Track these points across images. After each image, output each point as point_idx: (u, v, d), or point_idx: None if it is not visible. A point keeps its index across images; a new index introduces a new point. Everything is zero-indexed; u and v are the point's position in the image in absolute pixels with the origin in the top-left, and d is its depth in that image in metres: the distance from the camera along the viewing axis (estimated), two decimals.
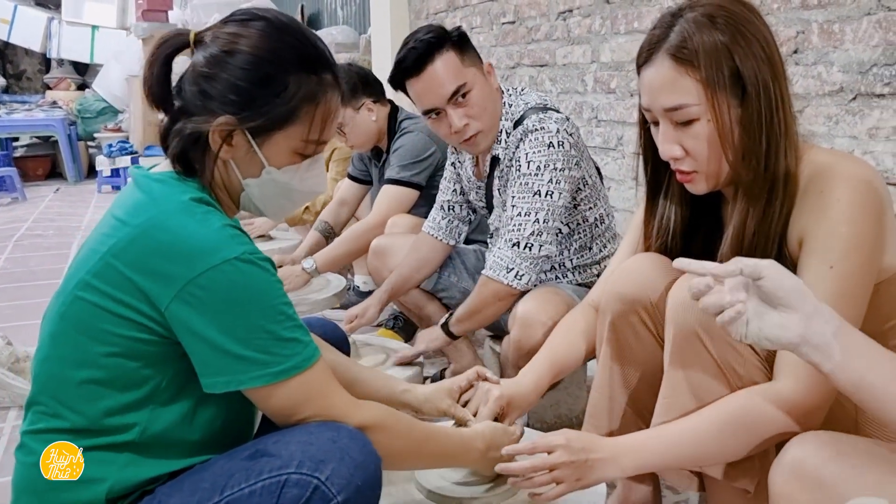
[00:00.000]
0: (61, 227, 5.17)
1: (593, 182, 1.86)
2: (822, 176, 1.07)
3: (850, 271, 1.03)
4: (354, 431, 0.99)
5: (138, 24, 7.79)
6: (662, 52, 1.10)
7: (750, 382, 1.08)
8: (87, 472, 0.98)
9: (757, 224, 1.10)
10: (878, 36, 1.64)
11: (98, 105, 7.88)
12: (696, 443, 1.06)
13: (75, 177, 7.33)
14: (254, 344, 0.95)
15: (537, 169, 1.73)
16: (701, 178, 1.14)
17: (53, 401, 1.00)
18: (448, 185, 2.13)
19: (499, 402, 1.31)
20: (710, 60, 1.06)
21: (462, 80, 1.78)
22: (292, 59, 1.05)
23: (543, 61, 3.07)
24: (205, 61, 1.03)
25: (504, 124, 1.85)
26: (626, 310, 1.26)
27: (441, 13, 4.03)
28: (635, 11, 2.48)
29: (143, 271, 0.95)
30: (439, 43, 1.77)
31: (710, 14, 1.08)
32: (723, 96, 1.07)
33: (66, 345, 0.99)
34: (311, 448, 0.95)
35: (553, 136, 1.74)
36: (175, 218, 0.98)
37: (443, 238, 2.13)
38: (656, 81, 1.11)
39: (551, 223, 1.74)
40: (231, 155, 1.06)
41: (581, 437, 1.12)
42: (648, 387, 1.26)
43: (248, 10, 1.08)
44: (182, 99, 1.06)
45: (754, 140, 1.08)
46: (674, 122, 1.11)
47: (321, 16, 6.87)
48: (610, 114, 2.67)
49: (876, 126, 1.67)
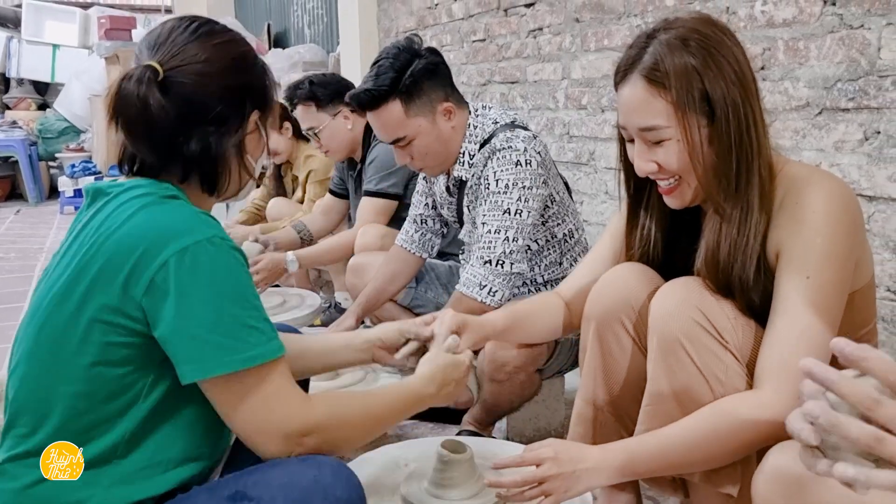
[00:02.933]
0: (23, 249, 5.07)
1: (561, 198, 1.88)
2: (798, 189, 1.10)
3: (826, 281, 1.06)
4: (337, 466, 0.98)
5: (101, 43, 7.71)
6: (636, 73, 1.13)
7: (732, 390, 1.10)
8: (73, 495, 0.96)
9: (732, 242, 1.13)
10: (842, 52, 1.70)
11: (59, 125, 7.75)
12: (682, 450, 1.08)
13: (36, 198, 7.19)
14: (220, 328, 0.94)
15: (506, 187, 1.75)
16: (680, 192, 1.18)
17: (34, 420, 0.97)
18: (420, 199, 2.13)
19: (454, 321, 1.31)
20: (681, 83, 1.09)
21: (402, 133, 1.82)
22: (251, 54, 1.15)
23: (514, 78, 3.11)
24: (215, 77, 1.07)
25: (467, 146, 1.87)
26: (609, 318, 1.28)
27: (410, 31, 4.06)
28: (605, 30, 2.53)
29: (120, 269, 0.94)
30: (386, 95, 1.79)
31: (683, 37, 1.11)
32: (693, 117, 1.10)
33: (47, 361, 0.98)
34: (293, 491, 0.93)
35: (521, 155, 1.76)
36: (144, 211, 0.98)
37: (415, 251, 2.13)
38: (631, 102, 1.14)
39: (521, 241, 1.76)
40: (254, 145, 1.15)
41: (569, 448, 1.12)
42: (632, 394, 1.28)
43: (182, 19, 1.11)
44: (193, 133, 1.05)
45: (724, 160, 1.11)
46: (647, 140, 1.14)
47: (288, 34, 6.87)
48: (582, 129, 2.71)
49: (841, 139, 1.73)
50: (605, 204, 2.62)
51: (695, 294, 1.14)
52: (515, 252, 1.75)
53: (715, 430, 1.06)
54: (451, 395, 1.21)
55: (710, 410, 1.08)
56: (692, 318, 1.11)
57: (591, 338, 1.31)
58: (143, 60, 1.04)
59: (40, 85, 8.66)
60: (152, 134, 1.02)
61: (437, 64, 1.84)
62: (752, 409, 1.04)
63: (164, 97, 1.00)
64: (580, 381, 1.37)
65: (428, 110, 1.82)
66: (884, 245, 1.66)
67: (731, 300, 1.14)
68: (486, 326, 1.39)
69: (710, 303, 1.13)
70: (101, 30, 7.99)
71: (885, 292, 1.66)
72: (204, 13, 6.26)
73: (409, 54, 1.80)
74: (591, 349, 1.32)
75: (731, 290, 1.14)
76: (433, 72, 1.82)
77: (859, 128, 1.68)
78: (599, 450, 1.13)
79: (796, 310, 1.06)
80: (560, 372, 1.92)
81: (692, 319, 1.11)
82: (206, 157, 1.05)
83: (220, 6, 8.30)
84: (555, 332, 1.47)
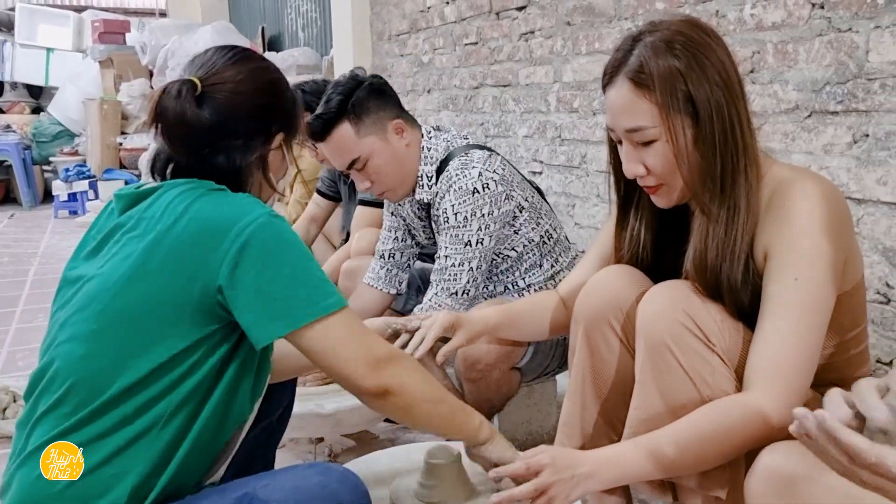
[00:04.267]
0: (17, 253, 5.05)
1: (531, 203, 1.89)
2: (785, 190, 1.11)
3: (815, 282, 1.06)
4: (343, 472, 1.02)
5: (95, 46, 7.71)
6: (622, 76, 1.14)
7: (719, 391, 1.11)
8: (114, 468, 0.98)
9: (719, 244, 1.13)
10: (830, 56, 1.71)
11: (54, 129, 7.74)
12: (674, 454, 1.08)
13: (30, 202, 7.17)
14: (299, 284, 1.02)
15: (465, 220, 1.77)
16: (665, 192, 1.19)
17: (88, 396, 0.99)
18: (388, 235, 2.13)
19: (447, 318, 1.35)
20: (665, 85, 1.10)
21: (356, 154, 1.85)
22: (284, 78, 1.25)
23: (506, 81, 3.12)
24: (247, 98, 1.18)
25: (424, 168, 1.89)
26: (598, 320, 1.28)
27: (403, 34, 4.06)
28: (596, 33, 2.54)
29: (188, 252, 1.01)
30: (335, 118, 1.82)
31: (668, 39, 1.12)
32: (677, 119, 1.11)
33: (111, 341, 1.00)
34: (300, 495, 0.96)
35: (475, 182, 1.77)
36: (202, 200, 1.05)
37: (382, 288, 2.12)
38: (617, 104, 1.15)
39: (484, 267, 1.82)
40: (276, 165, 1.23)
41: (564, 454, 1.13)
42: (620, 396, 1.28)
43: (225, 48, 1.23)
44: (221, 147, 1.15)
45: (709, 161, 1.12)
46: (634, 142, 1.15)
47: (282, 37, 6.87)
48: (573, 132, 2.72)
49: (830, 142, 1.73)
50: (597, 207, 2.63)
51: (682, 297, 1.14)
52: (479, 278, 1.82)
53: (707, 433, 1.07)
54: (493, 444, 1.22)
55: (702, 413, 1.08)
56: (679, 320, 1.12)
57: (580, 340, 1.32)
58: (184, 76, 1.15)
59: (34, 88, 8.65)
60: (188, 140, 1.13)
61: (383, 85, 1.89)
62: (743, 412, 1.05)
63: (199, 108, 1.12)
64: (568, 383, 1.37)
65: (379, 128, 1.85)
66: (873, 248, 1.66)
67: (719, 302, 1.15)
68: (479, 323, 1.41)
69: (697, 305, 1.13)
70: (94, 33, 7.98)
71: (875, 295, 1.66)
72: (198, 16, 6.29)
73: (353, 81, 1.86)
74: (579, 351, 1.32)
75: (720, 292, 1.14)
76: (379, 92, 1.87)
77: (848, 131, 1.69)
78: (593, 455, 1.13)
79: (785, 311, 1.06)
80: (546, 373, 1.92)
81: (679, 322, 1.12)
82: (230, 168, 1.15)
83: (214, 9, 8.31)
84: (549, 330, 1.49)
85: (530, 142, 2.98)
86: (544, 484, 1.08)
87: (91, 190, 6.69)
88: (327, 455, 2.00)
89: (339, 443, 2.05)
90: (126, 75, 7.41)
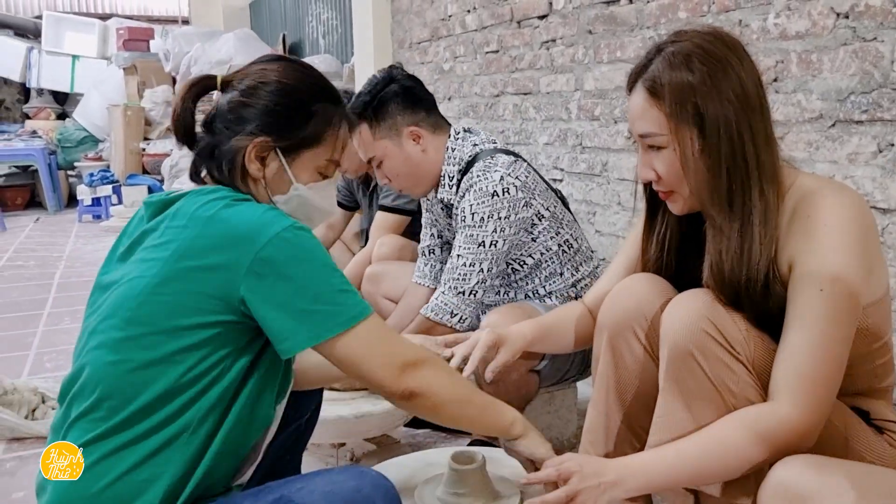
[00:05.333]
0: (43, 257, 5.13)
1: (552, 212, 1.90)
2: (810, 201, 1.11)
3: (841, 293, 1.06)
4: (377, 477, 1.04)
5: (119, 53, 7.82)
6: (640, 83, 1.18)
7: (744, 400, 1.11)
8: (147, 472, 1.00)
9: (734, 257, 1.14)
10: (855, 65, 1.70)
11: (78, 134, 7.86)
12: (699, 463, 1.08)
13: (55, 206, 7.28)
14: (322, 298, 1.04)
15: (481, 220, 1.80)
16: (676, 199, 1.22)
17: (120, 403, 1.01)
18: (426, 231, 2.19)
19: (490, 339, 1.38)
20: (674, 98, 1.13)
21: (371, 154, 1.94)
22: (317, 89, 1.21)
23: (527, 90, 3.13)
24: (241, 93, 1.17)
25: (447, 169, 1.93)
26: (622, 328, 1.29)
27: (424, 42, 4.09)
28: (618, 41, 2.55)
29: (212, 261, 1.02)
30: (357, 118, 1.90)
31: (687, 52, 1.14)
32: (685, 130, 1.14)
33: (139, 349, 1.02)
34: (335, 499, 0.98)
35: (496, 185, 1.80)
36: (229, 208, 1.06)
37: (430, 284, 2.17)
38: (634, 109, 1.20)
39: (495, 270, 1.84)
40: (262, 173, 1.17)
41: (591, 462, 1.14)
42: (643, 405, 1.29)
43: (271, 55, 1.24)
44: (214, 132, 1.18)
45: (715, 175, 1.14)
46: (647, 146, 1.19)
47: (303, 45, 6.92)
48: (594, 140, 2.72)
49: (855, 151, 1.73)
50: (618, 215, 2.63)
51: (706, 305, 1.15)
52: (488, 281, 1.83)
53: (732, 443, 1.07)
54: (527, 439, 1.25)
55: (727, 423, 1.09)
56: (704, 329, 1.12)
57: (604, 348, 1.32)
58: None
59: (60, 95, 8.79)
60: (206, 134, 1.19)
61: (410, 88, 1.92)
62: (769, 422, 1.05)
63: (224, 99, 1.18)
64: (592, 390, 1.38)
65: (393, 133, 1.91)
66: None
67: (743, 312, 1.15)
68: (518, 340, 1.43)
69: (722, 314, 1.13)
70: (119, 41, 8.10)
71: None
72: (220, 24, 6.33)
73: (384, 81, 1.91)
74: (603, 359, 1.33)
75: (740, 303, 1.15)
76: (403, 96, 1.91)
77: (873, 140, 1.69)
78: (619, 463, 1.14)
79: (811, 322, 1.06)
80: (565, 379, 1.93)
81: (704, 331, 1.12)
82: (214, 163, 1.17)
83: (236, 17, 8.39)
84: (575, 342, 1.50)
85: (551, 149, 2.99)
86: (573, 490, 1.09)
87: (114, 195, 6.78)
88: (349, 459, 2.02)
89: (361, 447, 2.06)
90: (149, 82, 7.51)
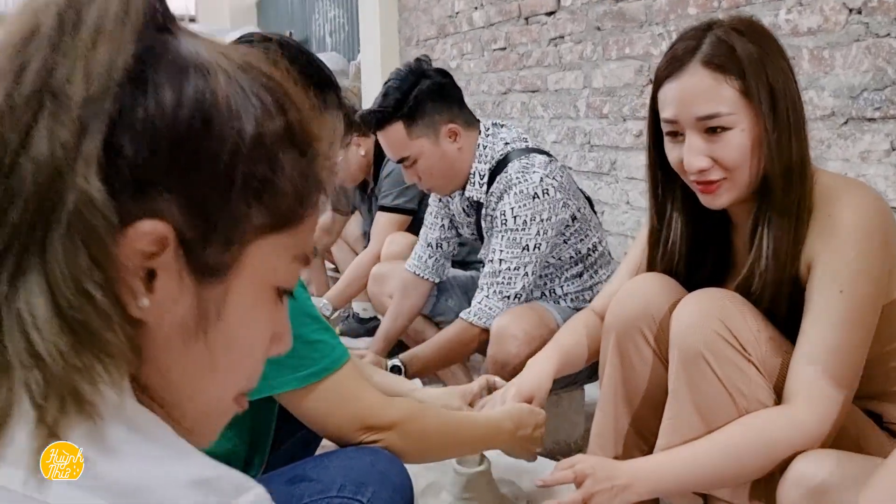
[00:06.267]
0: None
1: (583, 214, 1.88)
2: (830, 200, 1.08)
3: (860, 296, 1.04)
4: (391, 455, 1.00)
5: None
6: (696, 62, 1.10)
7: (756, 403, 1.09)
8: None
9: (788, 245, 1.10)
10: (868, 61, 1.68)
11: None
12: (711, 468, 1.07)
13: None
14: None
15: (524, 224, 1.76)
16: (726, 188, 1.13)
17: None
18: (435, 221, 2.12)
19: (518, 398, 1.33)
20: (752, 69, 1.07)
21: (406, 153, 1.85)
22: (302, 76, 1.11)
23: (535, 87, 3.10)
24: None
25: (478, 167, 1.87)
26: (630, 329, 1.27)
27: (431, 40, 4.07)
28: (626, 38, 2.52)
29: None
30: (389, 116, 1.82)
31: (740, 29, 1.10)
32: (758, 106, 1.08)
33: None
34: (351, 472, 0.95)
35: (537, 187, 1.76)
36: None
37: (428, 277, 2.13)
38: (689, 90, 1.11)
39: (537, 272, 1.81)
40: None
41: (603, 465, 1.12)
42: (652, 406, 1.27)
43: (254, 33, 1.12)
44: None
45: (785, 152, 1.09)
46: (705, 130, 1.11)
47: (309, 42, 6.92)
48: (603, 139, 2.70)
49: (868, 149, 1.70)
50: (627, 214, 2.61)
51: (717, 305, 1.12)
52: (531, 284, 1.80)
53: (746, 448, 1.05)
54: (525, 439, 1.22)
55: (741, 427, 1.07)
56: (714, 330, 1.10)
57: (612, 349, 1.30)
58: None
59: None
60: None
61: (443, 85, 1.86)
62: (784, 427, 1.03)
63: None
64: (600, 392, 1.35)
65: (431, 132, 1.84)
66: None
67: (756, 312, 1.13)
68: (546, 383, 1.39)
69: (733, 314, 1.11)
70: None
71: None
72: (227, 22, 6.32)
73: (415, 76, 1.83)
74: (611, 360, 1.31)
75: (781, 296, 1.12)
76: (438, 93, 1.84)
77: (886, 138, 1.66)
78: (630, 466, 1.13)
79: (829, 324, 1.04)
80: (574, 382, 1.91)
81: (714, 332, 1.10)
82: None
83: (243, 15, 8.40)
84: (596, 353, 1.44)
85: (559, 147, 2.96)
86: (588, 493, 1.08)
87: None
88: None
89: None
90: None
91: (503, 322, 1.75)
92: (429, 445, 1.08)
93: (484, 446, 1.21)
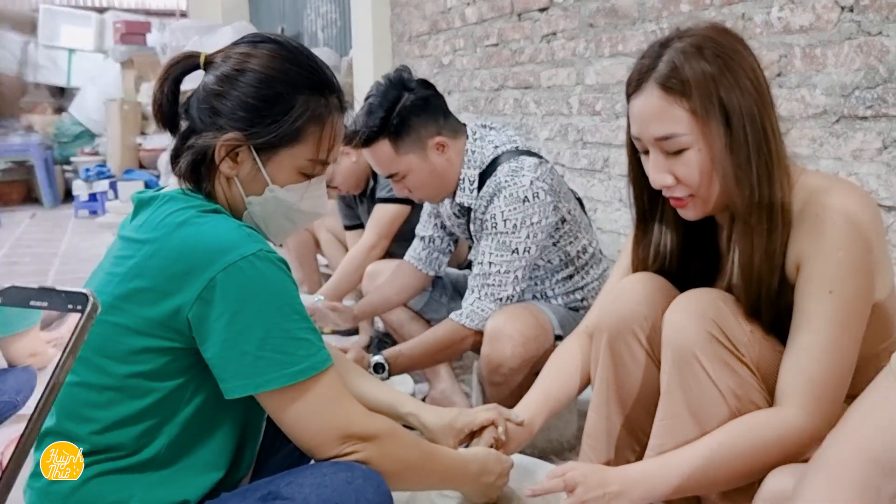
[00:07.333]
0: (38, 253, 5.09)
1: (573, 216, 1.87)
2: (817, 200, 1.08)
3: (850, 295, 1.04)
4: (368, 472, 0.98)
5: (116, 47, 7.76)
6: (651, 82, 1.10)
7: (749, 404, 1.09)
8: (114, 496, 0.97)
9: (762, 255, 1.10)
10: (860, 60, 1.67)
11: (75, 129, 7.80)
12: (705, 471, 1.06)
13: (51, 202, 7.23)
14: (269, 343, 0.94)
15: (514, 227, 1.75)
16: (693, 204, 1.15)
17: (74, 426, 0.99)
18: (428, 219, 2.13)
19: (493, 435, 1.32)
20: (700, 90, 1.07)
21: (394, 170, 1.83)
22: (301, 79, 1.07)
23: (528, 83, 3.09)
24: (216, 80, 1.05)
25: (467, 173, 1.86)
26: (622, 329, 1.26)
27: (423, 35, 4.05)
28: (619, 35, 2.52)
29: (167, 283, 0.95)
30: (375, 135, 1.79)
31: (698, 45, 1.09)
32: (712, 125, 1.08)
33: (88, 370, 0.99)
34: (325, 490, 0.94)
35: (527, 191, 1.74)
36: (190, 225, 0.98)
37: (423, 268, 2.13)
38: (646, 111, 1.11)
39: (527, 274, 1.81)
40: (236, 172, 1.07)
41: (594, 472, 1.12)
42: (644, 407, 1.27)
43: (258, 34, 1.11)
44: (190, 118, 1.08)
45: (744, 169, 1.08)
46: (664, 150, 1.12)
47: (301, 38, 6.88)
48: (595, 136, 2.70)
49: (860, 148, 1.70)
50: (619, 212, 2.60)
51: (709, 306, 1.12)
52: (521, 284, 1.80)
53: (739, 451, 1.05)
54: (487, 486, 1.20)
55: (732, 430, 1.07)
56: (707, 330, 1.10)
57: (604, 350, 1.30)
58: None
59: (56, 89, 8.73)
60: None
61: (427, 97, 1.82)
62: (777, 428, 1.03)
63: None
64: (592, 393, 1.35)
65: (418, 147, 1.81)
66: None
67: (747, 312, 1.13)
68: (526, 433, 1.38)
69: (726, 315, 1.11)
70: (116, 34, 8.02)
71: None
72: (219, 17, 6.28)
73: (397, 90, 1.79)
74: (602, 361, 1.30)
75: (761, 304, 1.12)
76: (422, 107, 1.80)
77: (878, 136, 1.66)
78: (622, 473, 1.12)
79: (819, 325, 1.04)
80: None
81: (707, 332, 1.10)
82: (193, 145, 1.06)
83: (235, 10, 8.34)
84: (581, 386, 1.44)
85: (552, 145, 2.96)
86: (580, 500, 1.08)
87: (111, 190, 6.74)
88: None
89: None
90: (147, 76, 7.46)
91: (498, 322, 1.74)
92: (405, 467, 1.06)
93: (448, 483, 1.18)
